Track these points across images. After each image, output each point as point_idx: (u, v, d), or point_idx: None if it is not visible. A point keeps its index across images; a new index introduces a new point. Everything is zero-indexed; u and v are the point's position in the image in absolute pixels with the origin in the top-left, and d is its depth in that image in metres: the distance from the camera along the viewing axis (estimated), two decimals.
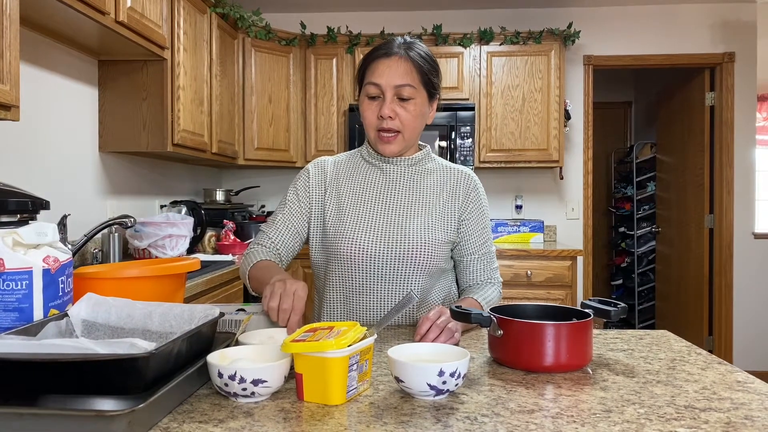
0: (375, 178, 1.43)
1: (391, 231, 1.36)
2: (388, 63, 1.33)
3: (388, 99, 1.32)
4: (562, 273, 3.47)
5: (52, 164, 2.35)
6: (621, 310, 1.07)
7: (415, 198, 1.40)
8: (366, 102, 1.36)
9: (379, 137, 1.36)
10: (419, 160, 1.44)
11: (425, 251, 1.34)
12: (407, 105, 1.34)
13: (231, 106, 3.47)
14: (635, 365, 1.03)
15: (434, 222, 1.38)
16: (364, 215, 1.38)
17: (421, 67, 1.34)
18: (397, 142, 1.36)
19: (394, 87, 1.32)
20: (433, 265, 1.35)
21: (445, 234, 1.38)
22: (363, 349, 0.87)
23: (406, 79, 1.32)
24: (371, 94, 1.34)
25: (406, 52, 1.34)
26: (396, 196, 1.40)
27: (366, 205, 1.40)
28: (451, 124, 3.71)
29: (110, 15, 2.09)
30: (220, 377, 0.81)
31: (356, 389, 0.87)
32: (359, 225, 1.37)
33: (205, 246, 3.20)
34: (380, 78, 1.32)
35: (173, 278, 1.26)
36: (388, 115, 1.32)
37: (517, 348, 1.00)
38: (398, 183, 1.42)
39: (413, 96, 1.34)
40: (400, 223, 1.36)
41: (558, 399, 0.86)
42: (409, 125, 1.35)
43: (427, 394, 0.85)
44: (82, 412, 0.65)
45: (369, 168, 1.45)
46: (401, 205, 1.39)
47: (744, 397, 0.87)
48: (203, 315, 0.92)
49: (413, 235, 1.35)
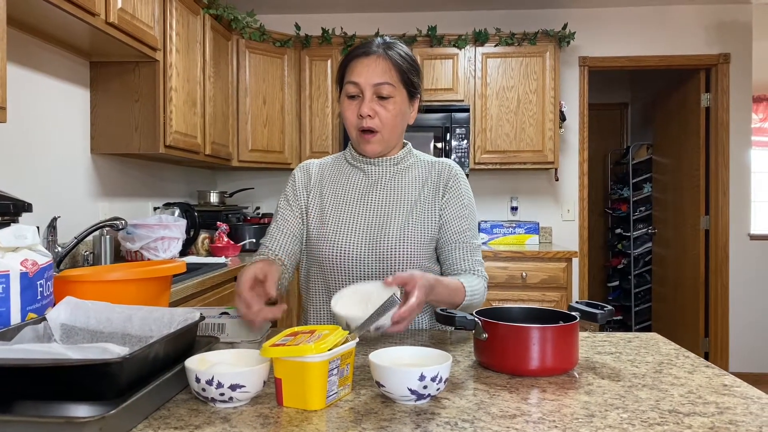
0: (357, 180, 1.42)
1: (373, 232, 1.35)
2: (367, 62, 1.32)
3: (367, 98, 1.32)
4: (557, 275, 3.46)
5: (43, 166, 2.34)
6: (608, 313, 1.06)
7: (398, 197, 1.39)
8: (346, 102, 1.35)
9: (360, 137, 1.35)
10: (401, 159, 1.43)
11: (407, 251, 1.32)
12: (387, 104, 1.33)
13: (225, 108, 3.46)
14: (622, 369, 1.02)
15: (416, 220, 1.36)
16: (346, 217, 1.37)
17: (401, 66, 1.34)
18: (377, 141, 1.35)
19: (373, 85, 1.31)
20: (417, 264, 1.34)
21: (427, 231, 1.36)
22: (343, 353, 0.86)
23: (384, 77, 1.31)
24: (351, 93, 1.34)
25: (385, 51, 1.33)
26: (378, 197, 1.39)
27: (348, 207, 1.39)
28: (446, 126, 3.70)
29: (100, 16, 2.08)
30: (198, 382, 0.80)
31: (337, 394, 0.85)
32: (341, 227, 1.36)
33: (199, 248, 3.19)
34: (359, 77, 1.32)
35: (158, 281, 1.25)
36: (367, 114, 1.31)
37: (501, 351, 0.99)
38: (380, 184, 1.40)
39: (392, 95, 1.33)
40: (381, 224, 1.35)
41: (541, 403, 0.85)
42: (388, 124, 1.34)
43: (408, 399, 0.83)
44: (52, 418, 0.64)
45: (352, 170, 1.44)
46: (383, 206, 1.38)
47: (730, 402, 0.86)
48: (183, 319, 0.91)
49: (394, 235, 1.33)
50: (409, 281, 1.05)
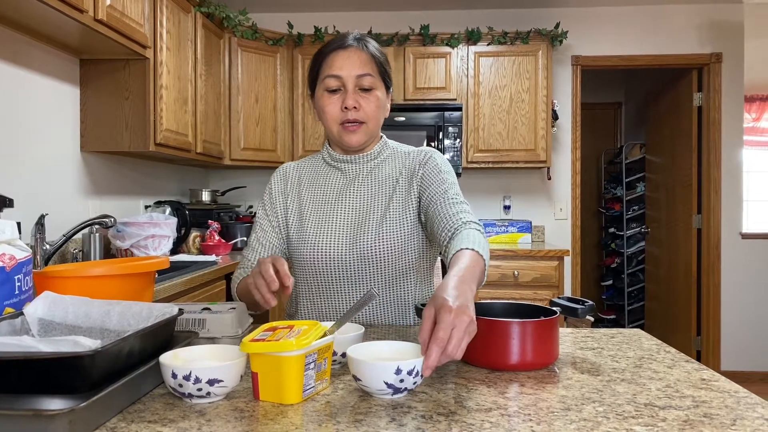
0: (335, 180, 1.41)
1: (352, 232, 1.34)
2: (346, 54, 1.32)
3: (351, 89, 1.31)
4: (549, 273, 3.47)
5: (32, 164, 2.33)
6: (588, 308, 1.06)
7: (374, 193, 1.37)
8: (326, 96, 1.33)
9: (343, 128, 1.34)
10: (378, 153, 1.42)
11: (386, 247, 1.31)
12: (369, 96, 1.33)
13: (217, 106, 3.45)
14: (602, 364, 1.02)
15: (392, 214, 1.34)
16: (325, 218, 1.37)
17: (378, 58, 1.35)
18: (362, 131, 1.34)
19: (356, 77, 1.31)
20: (398, 260, 1.33)
21: (406, 224, 1.34)
22: (321, 347, 0.86)
23: (365, 68, 1.31)
24: (331, 87, 1.32)
25: (360, 43, 1.34)
26: (355, 195, 1.38)
27: (327, 208, 1.38)
28: (438, 125, 3.71)
29: (89, 13, 2.08)
30: (174, 378, 0.80)
31: (314, 388, 0.85)
32: (320, 229, 1.35)
33: (190, 246, 3.18)
34: (340, 69, 1.31)
35: (140, 277, 1.24)
36: (353, 106, 1.30)
37: (482, 346, 0.99)
38: (357, 181, 1.39)
39: (374, 86, 1.33)
40: (360, 223, 1.34)
41: (518, 397, 0.85)
42: (373, 116, 1.34)
43: (384, 393, 0.83)
44: (20, 411, 0.64)
45: (329, 170, 1.43)
46: (361, 204, 1.37)
47: (706, 395, 0.86)
48: (161, 313, 0.91)
49: (372, 233, 1.32)
50: (432, 308, 0.88)
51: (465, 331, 0.84)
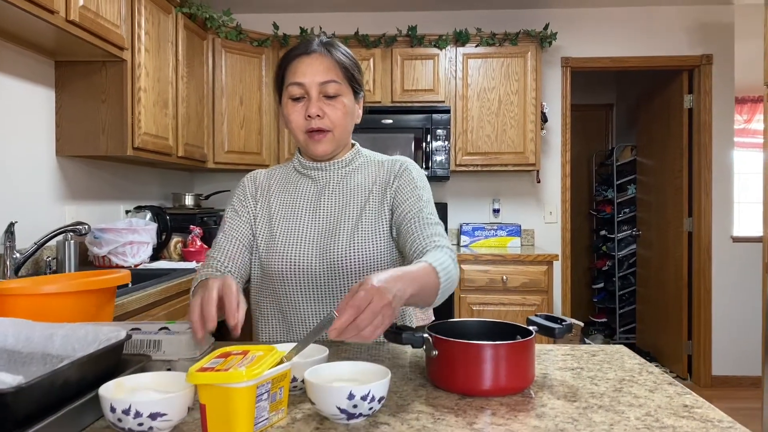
0: (306, 188, 1.36)
1: (323, 241, 1.28)
2: (309, 61, 1.26)
3: (314, 97, 1.25)
4: (538, 278, 3.42)
5: (5, 169, 2.26)
6: (566, 327, 1.01)
7: (346, 202, 1.32)
8: (290, 105, 1.28)
9: (309, 138, 1.28)
10: (350, 161, 1.37)
11: (357, 258, 1.26)
12: (335, 103, 1.27)
13: (199, 108, 3.38)
14: (579, 387, 0.97)
15: (365, 224, 1.28)
16: (294, 228, 1.31)
17: (344, 63, 1.28)
18: (328, 140, 1.28)
19: (319, 84, 1.25)
20: (370, 271, 1.27)
21: (379, 235, 1.29)
22: (275, 376, 0.80)
23: (329, 75, 1.26)
24: (295, 95, 1.27)
25: (325, 49, 1.28)
26: (327, 204, 1.32)
27: (297, 217, 1.32)
28: (426, 127, 3.65)
29: (60, 14, 2.01)
30: (113, 412, 0.74)
31: (267, 420, 0.79)
32: (290, 238, 1.30)
33: (171, 252, 3.11)
34: (303, 77, 1.25)
35: (98, 293, 1.18)
36: (316, 114, 1.25)
37: (452, 370, 0.94)
38: (328, 189, 1.34)
39: (339, 93, 1.27)
40: (331, 232, 1.29)
41: (486, 429, 0.79)
42: (339, 124, 1.28)
43: (338, 418, 0.78)
44: None
45: (300, 178, 1.38)
46: (332, 213, 1.31)
47: (688, 425, 0.81)
48: (106, 338, 0.85)
49: (343, 242, 1.27)
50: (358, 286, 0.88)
51: (380, 311, 0.85)
